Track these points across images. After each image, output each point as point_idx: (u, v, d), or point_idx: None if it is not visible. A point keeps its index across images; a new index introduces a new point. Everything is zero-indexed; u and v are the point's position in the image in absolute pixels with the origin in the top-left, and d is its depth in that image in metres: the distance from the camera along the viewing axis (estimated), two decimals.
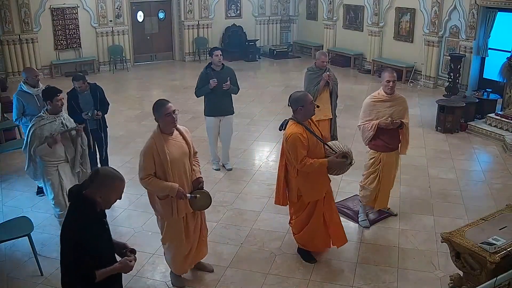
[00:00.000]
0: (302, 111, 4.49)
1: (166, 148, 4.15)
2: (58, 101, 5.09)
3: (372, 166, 5.56)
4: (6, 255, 5.18)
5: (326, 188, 4.80)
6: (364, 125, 5.46)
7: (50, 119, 5.09)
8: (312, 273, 4.85)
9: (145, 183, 4.19)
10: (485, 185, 6.90)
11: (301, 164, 4.43)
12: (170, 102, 4.26)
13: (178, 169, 4.23)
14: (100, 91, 6.60)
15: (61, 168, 5.17)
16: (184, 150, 4.31)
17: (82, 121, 6.42)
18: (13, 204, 6.35)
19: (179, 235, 4.43)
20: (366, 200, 5.72)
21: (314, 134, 4.54)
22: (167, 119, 4.16)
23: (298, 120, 4.52)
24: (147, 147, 4.18)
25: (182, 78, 14.04)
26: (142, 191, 6.60)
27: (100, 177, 3.01)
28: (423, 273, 4.85)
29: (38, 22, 13.46)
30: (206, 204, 4.43)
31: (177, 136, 4.31)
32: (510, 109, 8.67)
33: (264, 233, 5.57)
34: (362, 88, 12.41)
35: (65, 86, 6.91)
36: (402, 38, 13.32)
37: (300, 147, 4.40)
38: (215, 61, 6.88)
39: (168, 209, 4.30)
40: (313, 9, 16.86)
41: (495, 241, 3.76)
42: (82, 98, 6.40)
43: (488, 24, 10.91)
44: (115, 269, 3.09)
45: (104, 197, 3.00)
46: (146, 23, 15.57)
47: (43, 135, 5.00)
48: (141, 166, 4.19)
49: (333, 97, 7.09)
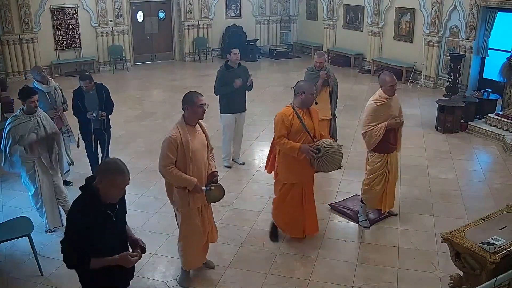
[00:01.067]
0: (302, 98, 4.86)
1: (189, 138, 4.22)
2: (32, 102, 5.30)
3: (380, 169, 5.51)
4: (6, 255, 5.18)
5: (302, 177, 5.06)
6: (371, 130, 5.35)
7: (25, 118, 5.30)
8: (312, 273, 4.85)
9: (165, 172, 4.25)
10: (485, 185, 6.90)
11: (277, 140, 4.88)
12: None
13: (197, 160, 4.31)
14: (106, 91, 6.63)
15: (38, 165, 5.39)
16: (204, 142, 4.41)
17: (87, 120, 6.47)
18: (13, 204, 6.35)
19: (196, 226, 4.49)
20: (371, 202, 5.69)
21: (303, 122, 4.83)
22: (198, 110, 4.27)
23: (294, 105, 4.91)
24: (172, 135, 4.23)
25: (182, 78, 14.04)
26: (142, 191, 6.65)
27: (103, 168, 3.09)
28: (423, 273, 4.85)
29: (38, 22, 13.46)
30: (220, 196, 4.50)
31: (198, 129, 4.41)
32: (510, 109, 8.67)
33: (264, 233, 5.57)
34: (362, 88, 12.41)
35: (65, 86, 6.95)
36: (402, 38, 13.32)
37: (281, 126, 4.81)
38: (233, 59, 7.07)
39: (184, 199, 4.36)
40: (313, 9, 16.86)
41: (495, 241, 3.76)
42: (88, 97, 6.42)
43: (488, 24, 10.91)
44: (112, 261, 3.11)
45: (103, 189, 3.04)
46: (146, 23, 15.56)
47: (17, 134, 5.21)
48: (164, 154, 4.22)
49: (332, 97, 7.09)
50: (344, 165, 7.36)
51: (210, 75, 13.18)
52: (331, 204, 6.19)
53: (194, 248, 4.60)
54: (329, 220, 5.89)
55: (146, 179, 6.88)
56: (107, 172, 3.03)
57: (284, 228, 5.38)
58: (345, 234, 5.62)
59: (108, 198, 3.08)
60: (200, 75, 14.07)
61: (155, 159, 4.38)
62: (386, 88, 5.34)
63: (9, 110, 9.53)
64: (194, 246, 4.59)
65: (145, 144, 8.48)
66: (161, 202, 5.99)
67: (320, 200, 6.35)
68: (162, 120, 9.75)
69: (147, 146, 8.34)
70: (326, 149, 4.78)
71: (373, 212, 5.91)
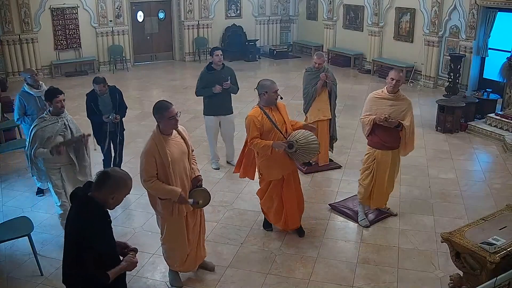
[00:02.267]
0: (265, 97, 5.02)
1: (167, 149, 4.15)
2: (58, 102, 5.04)
3: (367, 162, 5.64)
4: (6, 255, 5.18)
5: (285, 169, 5.16)
6: (363, 119, 5.55)
7: (52, 120, 5.06)
8: (312, 273, 4.85)
9: (148, 186, 4.18)
10: (485, 185, 6.89)
11: (250, 141, 4.99)
12: (172, 104, 4.22)
13: (178, 169, 4.24)
14: (119, 94, 6.59)
15: (64, 170, 5.17)
16: (183, 149, 4.32)
17: (101, 122, 6.41)
18: (13, 204, 6.35)
19: (181, 233, 4.44)
20: (361, 196, 5.76)
21: (272, 120, 4.97)
22: (170, 122, 4.15)
23: (260, 105, 5.04)
24: (148, 148, 4.17)
25: (182, 78, 14.04)
26: (142, 191, 6.59)
27: (113, 179, 3.02)
28: (423, 273, 4.85)
29: (38, 22, 13.46)
30: (206, 202, 4.46)
31: (176, 136, 4.31)
32: (510, 109, 8.67)
33: (264, 233, 5.58)
34: (362, 88, 12.41)
35: (66, 86, 6.95)
36: (402, 38, 13.32)
37: (253, 128, 4.94)
38: (216, 60, 6.91)
39: (168, 209, 4.31)
40: (313, 9, 16.86)
41: (495, 241, 3.76)
42: (102, 100, 6.39)
43: (488, 24, 10.90)
44: (122, 268, 3.12)
45: (117, 198, 3.04)
46: (146, 23, 15.56)
47: (44, 137, 4.99)
48: (143, 168, 4.16)
49: (332, 97, 7.08)
50: (344, 165, 7.42)
51: None
52: (331, 204, 6.19)
53: (179, 254, 4.55)
54: (329, 220, 5.89)
55: None
56: (120, 181, 3.03)
57: (270, 217, 5.48)
58: (345, 234, 5.62)
59: (116, 205, 3.10)
60: None
61: None
62: (387, 81, 5.44)
63: (9, 110, 9.53)
64: (177, 252, 4.54)
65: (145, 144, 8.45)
66: None
67: (320, 200, 6.36)
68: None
69: None
70: (298, 143, 4.90)
71: (372, 212, 5.91)
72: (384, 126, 5.35)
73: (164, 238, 4.53)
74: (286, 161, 5.08)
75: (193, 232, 4.56)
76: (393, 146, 5.53)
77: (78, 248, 2.94)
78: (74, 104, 10.92)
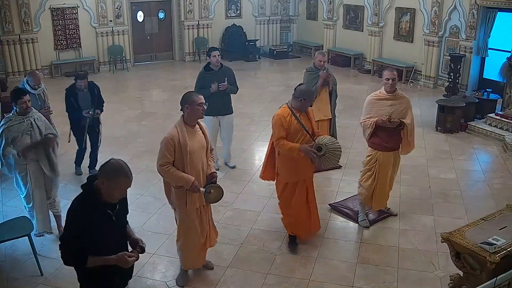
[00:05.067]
0: (301, 103, 4.87)
1: (187, 139, 4.22)
2: (23, 103, 5.18)
3: (369, 164, 5.59)
4: (6, 255, 5.18)
5: (303, 175, 5.06)
6: (364, 122, 5.50)
7: (18, 120, 5.18)
8: (312, 273, 4.85)
9: (162, 171, 4.25)
10: (485, 185, 6.89)
11: (276, 142, 4.87)
12: None
13: (195, 160, 4.30)
14: (97, 89, 6.77)
15: (30, 166, 5.26)
16: (202, 143, 4.40)
17: (80, 117, 6.61)
18: (13, 204, 6.35)
19: (193, 227, 4.49)
20: (362, 197, 5.73)
21: (300, 122, 4.85)
22: (198, 108, 4.28)
23: (291, 106, 4.91)
24: (170, 134, 4.24)
25: (182, 78, 14.03)
26: (142, 191, 6.65)
27: (107, 168, 3.07)
28: (423, 273, 4.85)
29: (38, 22, 13.46)
30: (219, 197, 4.51)
31: (198, 130, 4.41)
32: (510, 109, 8.67)
33: (264, 233, 5.58)
34: (362, 88, 12.41)
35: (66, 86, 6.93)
36: (402, 38, 13.33)
37: (280, 128, 4.82)
38: (213, 61, 6.96)
39: (182, 200, 4.36)
40: (313, 9, 16.87)
41: (495, 241, 3.76)
42: (81, 95, 6.55)
43: (488, 24, 10.91)
44: (109, 260, 3.12)
45: (105, 188, 3.05)
46: (146, 23, 15.56)
47: (10, 136, 5.10)
48: (161, 153, 4.24)
49: (332, 97, 7.09)
50: (344, 165, 7.41)
51: None
52: (331, 204, 6.19)
53: (192, 249, 4.60)
54: (329, 220, 5.89)
55: (146, 179, 6.89)
56: (111, 173, 3.03)
57: (298, 230, 5.29)
58: (345, 234, 5.62)
59: (109, 198, 3.10)
60: None
61: (155, 159, 4.38)
62: (383, 82, 5.43)
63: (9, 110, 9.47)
64: (192, 246, 4.58)
65: (145, 144, 8.47)
66: (161, 202, 5.99)
67: (320, 200, 6.34)
68: (162, 120, 9.74)
69: (147, 146, 8.34)
70: (327, 147, 4.80)
71: (372, 212, 5.91)
72: (385, 127, 5.33)
73: (178, 233, 4.58)
74: (306, 164, 4.98)
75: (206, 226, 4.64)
76: (394, 147, 5.52)
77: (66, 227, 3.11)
78: None
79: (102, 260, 3.10)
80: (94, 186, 3.08)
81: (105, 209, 3.11)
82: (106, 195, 3.07)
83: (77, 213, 3.06)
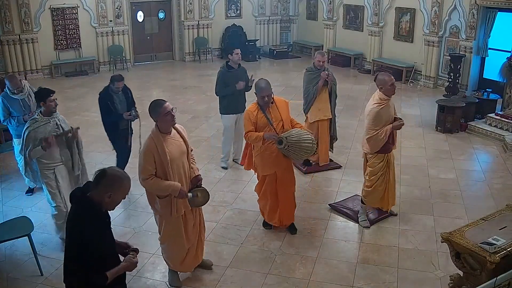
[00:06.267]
0: (257, 97, 5.17)
1: (165, 148, 4.15)
2: (52, 101, 5.02)
3: (382, 169, 5.51)
4: (6, 255, 5.18)
5: (276, 167, 5.25)
6: (376, 135, 5.29)
7: (44, 121, 5.02)
8: (312, 273, 4.85)
9: (146, 184, 4.18)
10: (485, 185, 6.89)
11: (245, 134, 5.22)
12: (167, 101, 4.25)
13: (177, 168, 4.24)
14: (130, 91, 6.58)
15: (58, 171, 5.13)
16: (182, 148, 4.32)
17: (118, 121, 6.40)
18: (13, 204, 6.35)
19: (179, 232, 4.45)
20: (372, 203, 5.70)
21: (267, 116, 5.13)
22: (166, 118, 4.15)
23: (258, 102, 5.19)
24: (147, 147, 4.17)
25: (182, 78, 14.04)
26: (142, 191, 6.60)
27: (109, 178, 2.99)
28: (423, 273, 4.85)
29: (38, 22, 13.46)
30: (205, 200, 4.47)
31: (175, 135, 4.32)
32: (510, 109, 8.67)
33: (264, 233, 5.58)
34: (362, 88, 12.41)
35: (66, 86, 6.94)
36: (402, 38, 13.33)
37: (247, 122, 5.16)
38: (235, 59, 7.04)
39: (167, 208, 4.31)
40: (313, 9, 16.87)
41: (495, 241, 3.76)
42: (117, 98, 6.35)
43: (488, 24, 10.90)
44: (122, 269, 3.11)
45: (113, 197, 3.00)
46: (146, 23, 15.56)
47: (37, 138, 4.94)
48: (142, 167, 4.16)
49: (332, 97, 7.09)
50: (344, 165, 7.42)
51: (210, 75, 13.22)
52: (331, 204, 6.19)
53: (178, 253, 4.56)
54: (329, 220, 5.89)
55: None
56: (115, 183, 2.98)
57: (266, 215, 5.56)
58: (345, 234, 5.62)
59: (112, 207, 3.06)
60: (200, 75, 14.08)
61: None
62: (386, 88, 5.23)
63: None
64: (176, 251, 4.54)
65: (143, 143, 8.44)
66: None
67: (320, 200, 6.36)
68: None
69: None
70: (288, 140, 4.92)
71: (373, 212, 5.91)
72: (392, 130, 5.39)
73: (162, 237, 4.54)
74: (279, 157, 5.16)
75: (192, 232, 4.57)
76: (393, 143, 5.58)
77: (77, 249, 2.93)
78: (73, 104, 10.95)
79: (116, 271, 3.06)
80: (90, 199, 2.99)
81: (105, 218, 3.09)
82: (110, 205, 3.03)
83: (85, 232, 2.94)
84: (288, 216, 5.50)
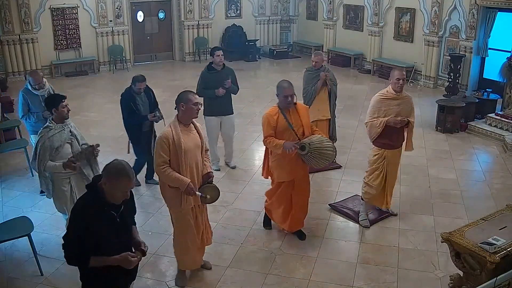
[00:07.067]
0: (279, 99, 5.03)
1: (181, 137, 4.24)
2: (64, 107, 4.74)
3: (376, 163, 5.59)
4: (6, 255, 5.18)
5: (295, 174, 5.13)
6: (372, 121, 5.48)
7: (58, 128, 4.69)
8: (312, 273, 4.85)
9: (159, 171, 4.29)
10: (485, 185, 6.89)
11: (264, 139, 5.04)
12: None
13: (190, 159, 4.31)
14: (153, 92, 6.52)
15: (73, 179, 4.83)
16: (197, 142, 4.41)
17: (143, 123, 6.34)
18: (13, 204, 6.35)
19: (189, 227, 4.49)
20: (368, 197, 5.72)
21: (287, 120, 4.96)
22: (193, 108, 4.28)
23: (279, 105, 5.04)
24: (164, 133, 4.26)
25: (182, 78, 14.03)
26: (142, 191, 6.65)
27: (110, 168, 3.07)
28: (423, 273, 4.85)
29: (38, 22, 13.46)
30: (215, 198, 4.50)
31: (192, 129, 4.42)
32: (510, 109, 8.67)
33: (264, 233, 5.58)
34: (362, 88, 12.41)
35: (66, 86, 6.94)
36: (402, 38, 13.33)
37: (267, 126, 4.98)
38: (216, 61, 6.87)
39: (176, 199, 4.37)
40: (313, 9, 16.87)
41: (495, 241, 3.76)
42: (140, 99, 6.31)
43: (488, 24, 10.90)
44: (112, 260, 3.12)
45: (107, 189, 3.06)
46: (146, 23, 15.56)
47: (54, 146, 4.65)
48: (157, 153, 4.26)
49: (331, 97, 7.08)
50: (344, 165, 7.42)
51: None
52: (331, 204, 6.19)
53: (188, 248, 4.59)
54: (329, 220, 5.89)
55: None
56: (113, 174, 3.04)
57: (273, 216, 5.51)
58: (345, 234, 5.62)
59: (112, 199, 3.11)
60: None
61: None
62: (393, 82, 5.40)
63: (9, 110, 9.53)
64: (187, 246, 4.58)
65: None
66: (161, 202, 5.96)
67: (320, 200, 6.36)
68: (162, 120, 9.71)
69: None
70: (311, 146, 4.83)
71: (373, 212, 5.91)
72: (391, 126, 5.38)
73: (175, 234, 4.59)
74: (298, 164, 5.03)
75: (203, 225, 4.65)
76: (398, 145, 5.61)
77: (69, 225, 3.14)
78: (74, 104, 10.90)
79: (104, 260, 3.09)
80: (98, 186, 3.09)
81: (109, 210, 3.11)
82: (109, 195, 3.08)
83: (80, 213, 3.07)
84: (299, 222, 5.43)
